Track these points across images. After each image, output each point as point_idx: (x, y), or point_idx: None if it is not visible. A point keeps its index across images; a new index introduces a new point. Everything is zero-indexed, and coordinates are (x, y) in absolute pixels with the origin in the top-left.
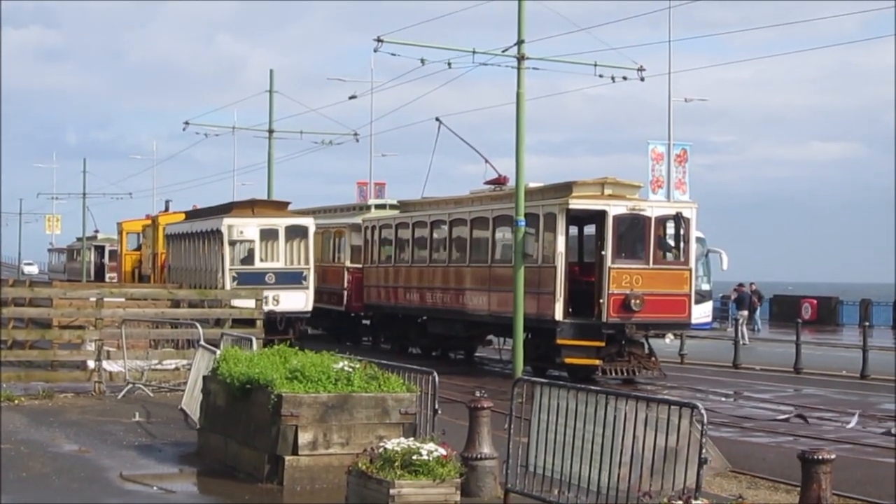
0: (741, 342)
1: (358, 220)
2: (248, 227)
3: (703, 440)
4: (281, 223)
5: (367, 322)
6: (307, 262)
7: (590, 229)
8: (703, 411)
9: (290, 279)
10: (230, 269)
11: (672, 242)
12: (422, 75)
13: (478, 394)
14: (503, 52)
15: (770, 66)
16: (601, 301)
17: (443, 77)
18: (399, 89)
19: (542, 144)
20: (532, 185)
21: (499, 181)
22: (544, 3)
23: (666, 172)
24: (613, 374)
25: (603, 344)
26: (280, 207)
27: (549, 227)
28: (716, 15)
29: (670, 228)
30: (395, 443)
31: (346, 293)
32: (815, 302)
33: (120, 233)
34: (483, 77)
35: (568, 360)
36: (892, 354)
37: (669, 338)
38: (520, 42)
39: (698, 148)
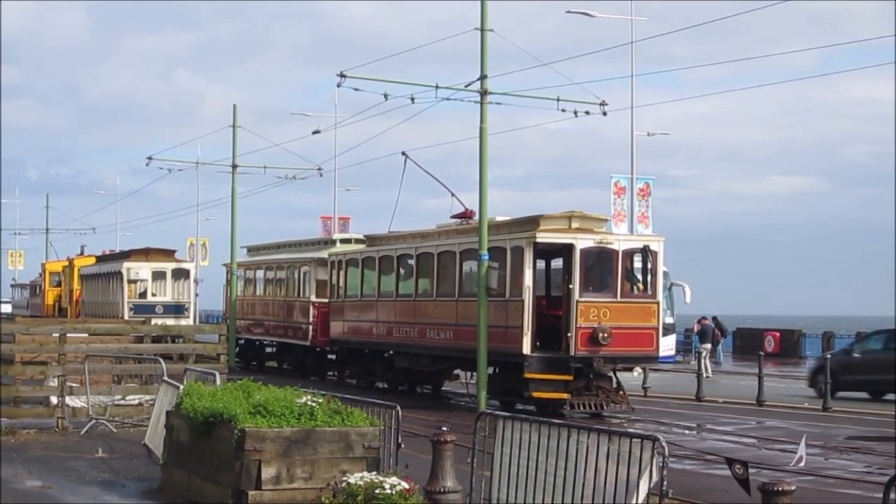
0: (704, 375)
1: (324, 254)
2: (142, 269)
3: (665, 472)
4: (168, 266)
5: (333, 357)
6: (189, 297)
7: (556, 263)
8: (664, 444)
9: (176, 310)
10: (128, 302)
11: (640, 276)
12: (385, 110)
13: (444, 428)
14: (466, 86)
15: (728, 102)
16: (569, 335)
17: (406, 112)
18: (362, 124)
19: (504, 179)
20: (499, 218)
21: (465, 215)
22: (507, 39)
23: (629, 206)
24: (581, 408)
25: (571, 378)
26: (169, 254)
27: (517, 260)
28: (675, 50)
29: (637, 262)
30: (359, 477)
31: (311, 328)
32: (777, 335)
33: (43, 272)
34: (445, 112)
35: (536, 394)
36: None
37: (637, 371)
38: (482, 77)
39: (659, 182)
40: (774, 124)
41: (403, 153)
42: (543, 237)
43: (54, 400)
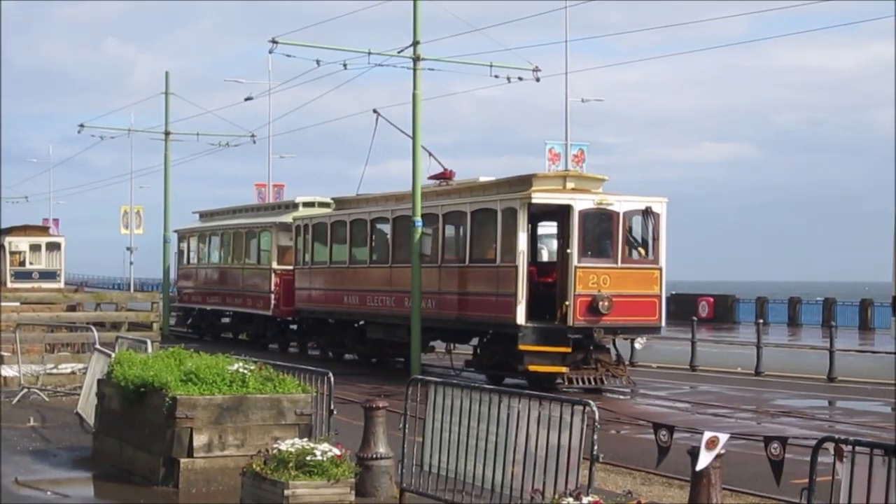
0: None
1: (287, 218)
2: (21, 243)
3: (595, 437)
4: (42, 240)
5: (296, 327)
6: (60, 265)
7: (545, 227)
8: (594, 408)
9: (49, 276)
10: (10, 269)
11: (641, 239)
12: (317, 76)
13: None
14: (399, 52)
15: (660, 69)
16: (566, 303)
17: (339, 78)
18: (295, 91)
19: (435, 146)
20: (483, 179)
21: (445, 176)
22: (440, 5)
23: None
24: (580, 382)
25: (569, 350)
26: (43, 230)
27: (509, 223)
28: (608, 16)
29: (638, 224)
30: (290, 444)
31: (273, 297)
32: (711, 300)
33: None
34: (378, 79)
35: (532, 368)
36: (786, 351)
37: (640, 342)
38: (415, 43)
39: (593, 149)
40: (706, 91)
41: (375, 111)
42: (539, 198)
43: None
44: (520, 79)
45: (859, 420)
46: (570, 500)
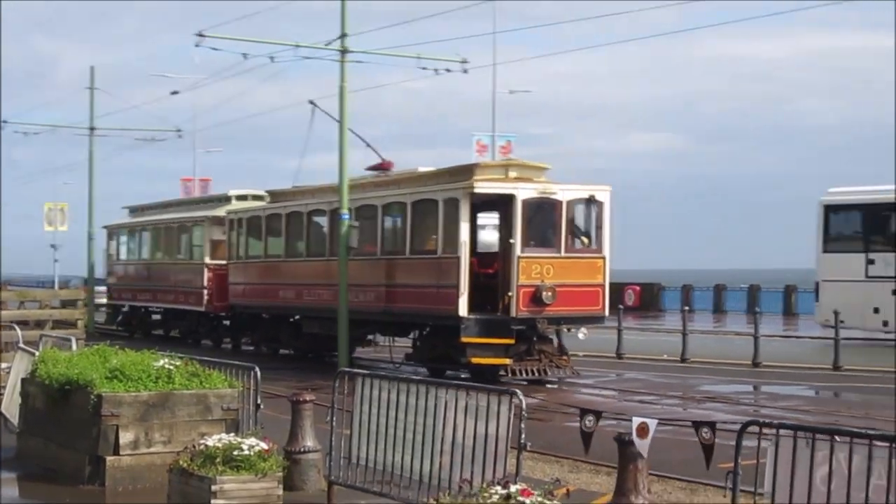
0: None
1: (220, 212)
2: None
3: (522, 426)
4: None
5: (229, 323)
6: None
7: (483, 218)
8: (521, 397)
9: None
10: None
11: (584, 228)
12: (245, 70)
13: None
14: (326, 45)
15: (589, 59)
16: (509, 294)
17: (266, 71)
18: (224, 85)
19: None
20: (422, 169)
21: (383, 166)
22: None
23: None
24: (523, 374)
25: (513, 341)
26: None
27: (450, 213)
28: (538, 7)
29: (582, 214)
30: (217, 439)
31: (206, 292)
32: (637, 288)
33: None
34: (306, 72)
35: (475, 360)
36: (712, 338)
37: (583, 332)
38: (343, 35)
39: (520, 140)
40: (635, 81)
41: (312, 102)
42: (482, 187)
43: None
44: (448, 70)
45: (784, 404)
46: (498, 488)
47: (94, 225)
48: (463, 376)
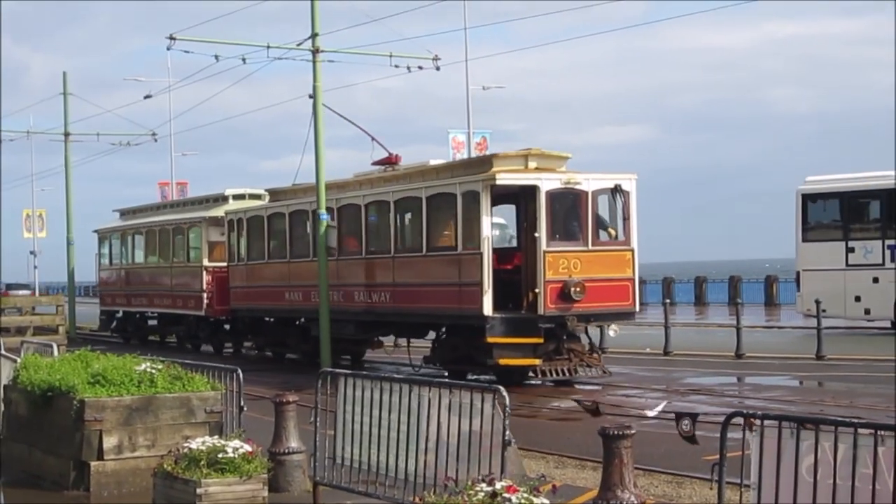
0: None
1: (218, 212)
2: None
3: (506, 423)
4: None
5: (229, 327)
6: None
7: (502, 210)
8: (504, 394)
9: None
10: None
11: (611, 220)
12: (217, 72)
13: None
14: (298, 45)
15: (559, 54)
16: (536, 290)
17: (238, 73)
18: (196, 88)
19: (336, 139)
20: (433, 162)
21: (390, 161)
22: None
23: None
24: (553, 374)
25: (541, 340)
26: None
27: (471, 207)
28: (507, 3)
29: (608, 204)
30: (200, 441)
31: (206, 296)
32: None
33: None
34: (278, 73)
35: (503, 362)
36: (694, 330)
37: (614, 329)
38: (314, 35)
39: (495, 136)
40: (605, 75)
41: (311, 96)
42: (504, 178)
43: None
44: (420, 68)
45: (767, 395)
46: (484, 486)
47: (72, 230)
48: (484, 378)
